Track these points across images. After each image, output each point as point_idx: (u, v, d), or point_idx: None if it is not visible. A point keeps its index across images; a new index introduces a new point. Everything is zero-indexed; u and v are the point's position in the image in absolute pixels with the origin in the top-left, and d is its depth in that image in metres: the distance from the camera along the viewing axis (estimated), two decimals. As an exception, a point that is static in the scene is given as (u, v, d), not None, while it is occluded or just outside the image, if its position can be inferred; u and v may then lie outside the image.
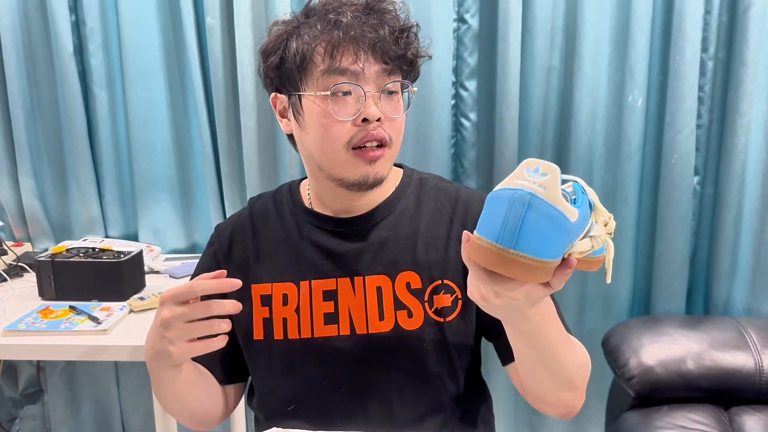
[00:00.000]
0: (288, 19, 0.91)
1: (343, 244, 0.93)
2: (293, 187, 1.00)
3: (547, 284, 0.61)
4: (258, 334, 0.93)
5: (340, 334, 0.91)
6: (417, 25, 0.91)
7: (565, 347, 0.81)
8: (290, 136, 0.95)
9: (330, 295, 0.92)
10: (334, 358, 0.91)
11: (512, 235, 0.53)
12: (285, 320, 0.92)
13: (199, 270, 1.00)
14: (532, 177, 0.54)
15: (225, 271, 0.79)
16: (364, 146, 0.85)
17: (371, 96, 0.84)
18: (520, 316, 0.69)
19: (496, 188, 0.56)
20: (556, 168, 0.54)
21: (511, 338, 0.78)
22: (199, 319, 0.76)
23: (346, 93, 0.84)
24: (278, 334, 0.92)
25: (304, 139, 0.90)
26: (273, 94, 0.93)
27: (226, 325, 0.76)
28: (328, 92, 0.84)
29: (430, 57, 0.95)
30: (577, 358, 0.84)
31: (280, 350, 0.92)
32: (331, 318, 0.91)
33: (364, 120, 0.84)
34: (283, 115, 0.93)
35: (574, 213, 0.56)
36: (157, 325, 0.79)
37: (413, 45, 0.89)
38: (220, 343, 0.77)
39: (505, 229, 0.53)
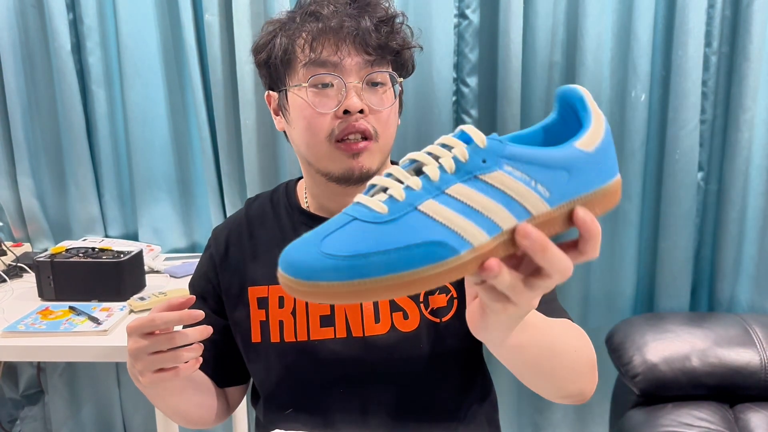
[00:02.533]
0: (279, 18, 0.91)
1: None
2: (290, 187, 0.99)
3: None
4: (256, 337, 0.92)
5: (336, 336, 0.90)
6: (402, 14, 0.89)
7: (552, 333, 0.72)
8: (285, 133, 0.95)
9: None
10: (330, 361, 0.90)
11: None
12: (281, 323, 0.91)
13: (197, 274, 1.00)
14: None
15: (193, 297, 0.78)
16: (347, 139, 0.84)
17: (353, 87, 0.83)
18: (514, 328, 0.57)
19: (602, 135, 0.48)
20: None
21: (503, 357, 0.67)
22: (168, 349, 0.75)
23: (327, 85, 0.84)
24: (275, 337, 0.91)
25: (292, 134, 0.90)
26: (267, 92, 0.93)
27: (193, 353, 0.76)
28: (307, 84, 0.84)
29: (421, 48, 0.93)
30: (571, 343, 0.76)
31: (277, 353, 0.91)
32: (327, 320, 0.90)
33: (346, 112, 0.83)
34: (276, 113, 0.93)
35: None
36: (127, 354, 0.78)
37: (398, 35, 0.87)
38: (190, 370, 0.76)
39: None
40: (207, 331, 0.76)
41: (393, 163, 0.98)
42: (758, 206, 1.57)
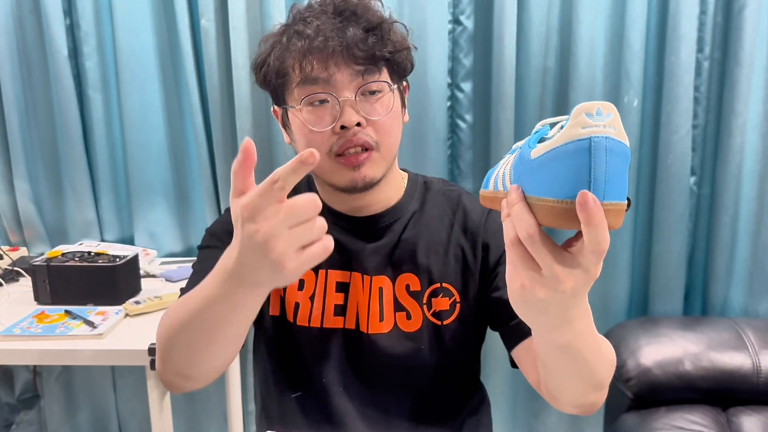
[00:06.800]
0: (273, 33, 0.90)
1: (355, 242, 0.93)
2: (311, 182, 0.99)
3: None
4: (274, 309, 0.93)
5: (345, 327, 0.92)
6: (390, 18, 0.87)
7: (599, 351, 0.72)
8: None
9: (342, 287, 0.93)
10: (335, 354, 0.92)
11: (602, 186, 0.48)
12: (297, 305, 0.92)
13: (218, 226, 0.96)
14: (599, 120, 0.49)
15: (249, 141, 0.59)
16: (347, 153, 0.84)
17: (346, 102, 0.83)
18: (562, 319, 0.61)
19: (552, 146, 0.50)
20: (612, 105, 0.50)
21: (545, 351, 0.69)
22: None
23: (323, 101, 0.84)
24: (290, 317, 0.93)
25: (297, 150, 0.90)
26: (272, 106, 0.94)
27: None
28: (301, 105, 0.84)
29: (415, 48, 0.92)
30: (606, 359, 0.75)
31: (287, 333, 0.93)
32: (340, 310, 0.92)
33: (343, 128, 0.83)
34: (283, 127, 0.94)
35: None
36: (252, 250, 0.57)
37: (387, 40, 0.86)
38: (331, 243, 0.58)
39: (594, 182, 0.48)
40: (317, 202, 0.58)
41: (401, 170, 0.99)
42: (750, 211, 1.58)
